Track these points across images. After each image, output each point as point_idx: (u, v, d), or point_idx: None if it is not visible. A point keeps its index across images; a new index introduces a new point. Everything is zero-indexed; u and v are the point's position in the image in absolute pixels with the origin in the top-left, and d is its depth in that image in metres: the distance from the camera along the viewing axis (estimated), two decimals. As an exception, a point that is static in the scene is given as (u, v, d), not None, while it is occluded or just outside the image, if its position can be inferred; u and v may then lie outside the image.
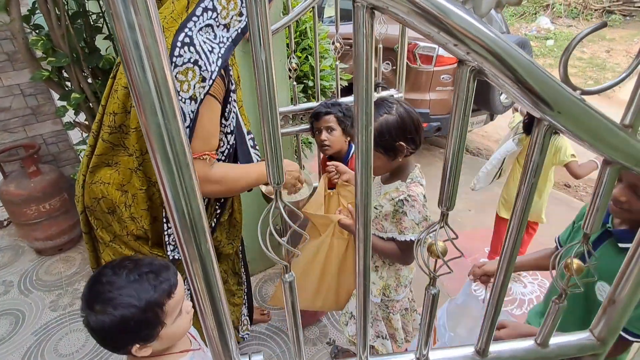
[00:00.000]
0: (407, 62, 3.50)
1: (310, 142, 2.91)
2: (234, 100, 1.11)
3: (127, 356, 0.91)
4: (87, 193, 1.14)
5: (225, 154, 1.16)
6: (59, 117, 2.56)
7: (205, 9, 0.99)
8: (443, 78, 3.65)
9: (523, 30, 9.51)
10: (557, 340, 0.68)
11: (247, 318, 1.71)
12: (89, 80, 2.22)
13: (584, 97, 0.42)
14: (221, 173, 1.12)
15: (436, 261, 0.54)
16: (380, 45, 1.86)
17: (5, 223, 2.86)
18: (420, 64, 3.60)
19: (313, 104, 1.83)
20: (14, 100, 2.46)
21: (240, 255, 1.58)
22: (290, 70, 1.76)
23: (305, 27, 2.70)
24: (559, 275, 0.57)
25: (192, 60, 0.95)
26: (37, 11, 2.14)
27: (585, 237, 0.53)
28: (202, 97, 0.98)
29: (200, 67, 0.96)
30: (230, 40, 1.04)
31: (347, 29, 3.33)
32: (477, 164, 3.79)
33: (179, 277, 0.91)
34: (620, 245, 0.95)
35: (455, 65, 3.72)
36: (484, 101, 3.90)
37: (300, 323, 0.58)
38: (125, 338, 0.84)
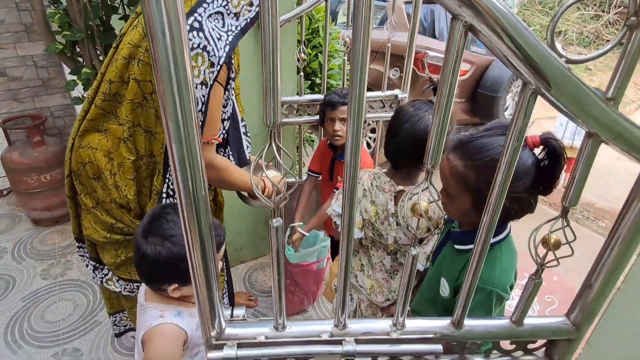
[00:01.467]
0: (414, 70, 3.56)
1: (312, 141, 2.94)
2: (232, 88, 1.13)
3: (145, 291, 0.99)
4: (75, 157, 1.15)
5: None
6: (68, 91, 2.60)
7: None
8: (450, 89, 3.68)
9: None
10: (533, 320, 0.70)
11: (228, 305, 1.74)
12: (101, 58, 2.26)
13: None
14: (225, 163, 1.16)
15: (419, 221, 0.56)
16: (389, 45, 1.89)
17: (4, 192, 2.89)
18: (429, 73, 3.64)
19: (319, 95, 1.86)
20: (26, 70, 2.50)
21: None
22: (298, 60, 1.80)
23: (318, 26, 2.73)
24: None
25: (201, 46, 0.97)
26: (58, -16, 2.18)
27: (564, 210, 0.55)
28: (212, 83, 1.01)
29: (208, 52, 0.98)
30: (238, 28, 1.07)
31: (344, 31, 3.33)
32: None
33: None
34: (456, 246, 0.95)
35: (463, 77, 3.77)
36: (487, 115, 3.93)
37: (284, 273, 0.60)
38: (169, 275, 0.90)
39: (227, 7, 1.04)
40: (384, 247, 1.27)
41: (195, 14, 0.98)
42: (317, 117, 1.80)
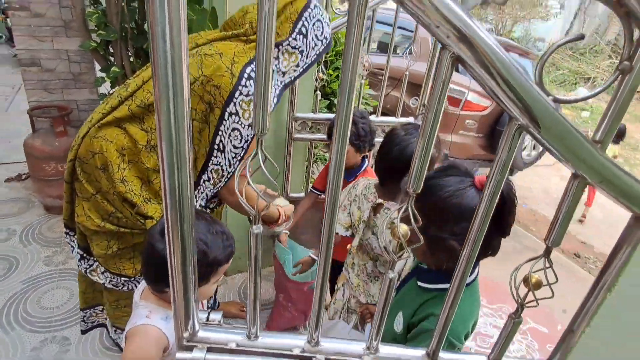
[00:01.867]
0: (435, 101, 3.57)
1: (325, 160, 2.96)
2: None
3: (143, 290, 1.00)
4: (86, 144, 1.16)
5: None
6: (96, 87, 2.71)
7: None
8: (468, 123, 3.68)
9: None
10: (512, 363, 0.67)
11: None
12: (131, 59, 2.36)
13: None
14: (254, 194, 1.22)
15: (398, 244, 0.56)
16: (407, 73, 1.91)
17: (23, 177, 2.99)
18: (448, 105, 3.64)
19: (332, 115, 1.89)
20: (59, 63, 2.62)
21: None
22: (317, 79, 1.84)
23: (342, 49, 2.79)
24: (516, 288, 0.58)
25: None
26: (99, -14, 2.30)
27: (546, 251, 0.55)
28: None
29: None
30: (283, 84, 1.24)
31: (380, 60, 3.41)
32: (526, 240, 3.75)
33: None
34: (419, 283, 0.92)
35: (482, 112, 3.76)
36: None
37: (260, 278, 0.61)
38: None
39: (277, 66, 1.20)
40: (367, 251, 1.34)
41: (253, 65, 1.14)
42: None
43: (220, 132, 1.15)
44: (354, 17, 0.41)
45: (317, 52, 1.25)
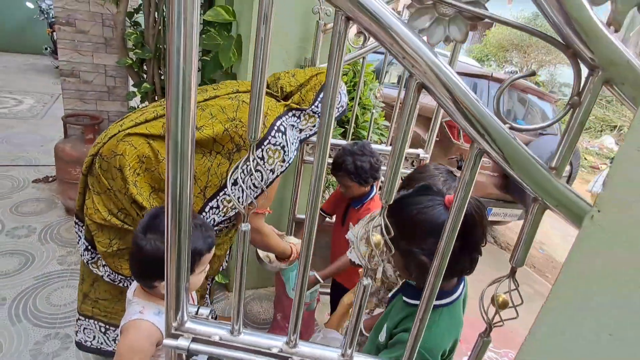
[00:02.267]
0: (449, 136, 3.62)
1: (334, 184, 3.02)
2: None
3: (135, 288, 1.06)
4: (110, 144, 1.24)
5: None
6: (127, 101, 2.89)
7: (294, 115, 1.43)
8: (482, 161, 3.68)
9: (585, 144, 9.38)
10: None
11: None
12: (162, 77, 2.53)
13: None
14: (269, 230, 1.54)
15: (371, 252, 0.60)
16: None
17: (50, 179, 3.16)
18: (464, 142, 3.68)
19: (342, 141, 1.96)
20: (96, 77, 2.82)
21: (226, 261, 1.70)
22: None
23: (358, 80, 2.90)
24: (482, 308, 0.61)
25: (281, 145, 1.34)
26: (140, 11, 2.50)
27: (512, 271, 0.58)
28: (279, 173, 1.36)
29: (285, 151, 1.35)
30: (299, 140, 1.46)
31: (392, 92, 3.48)
32: (502, 256, 3.70)
33: None
34: (404, 298, 0.95)
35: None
36: (520, 195, 3.86)
37: (244, 277, 0.66)
38: (161, 271, 0.96)
39: (296, 125, 1.44)
40: (382, 279, 1.34)
41: (282, 119, 1.36)
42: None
43: (240, 171, 1.25)
44: (334, 58, 0.48)
45: (334, 117, 1.46)
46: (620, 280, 0.35)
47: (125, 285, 1.38)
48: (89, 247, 1.37)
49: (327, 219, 1.96)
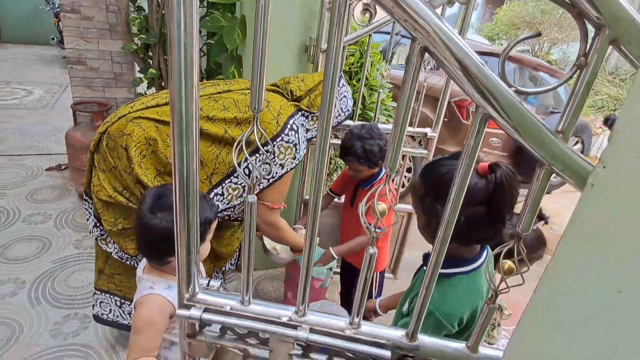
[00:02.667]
0: (458, 117, 3.58)
1: (341, 166, 3.02)
2: None
3: (145, 266, 1.07)
4: (119, 124, 1.26)
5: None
6: (134, 87, 2.90)
7: (302, 115, 1.48)
8: (492, 141, 3.65)
9: (598, 124, 9.18)
10: (489, 351, 0.70)
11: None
12: (168, 62, 2.53)
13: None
14: (284, 224, 1.57)
15: (377, 220, 0.61)
16: (425, 84, 1.96)
17: (62, 167, 3.21)
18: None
19: (350, 122, 1.95)
20: (103, 63, 2.83)
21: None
22: (337, 86, 1.91)
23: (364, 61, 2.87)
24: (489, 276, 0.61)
25: (294, 143, 1.38)
26: (144, -6, 2.49)
27: (518, 237, 0.58)
28: (289, 169, 1.39)
29: (296, 149, 1.39)
30: (306, 139, 1.51)
31: (400, 73, 3.44)
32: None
33: None
34: (424, 268, 0.95)
35: (508, 131, 3.71)
36: (529, 173, 3.81)
37: (253, 248, 0.67)
38: (174, 247, 1.00)
39: (304, 124, 1.49)
40: None
41: (294, 118, 1.41)
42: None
43: (249, 160, 1.29)
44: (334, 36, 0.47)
45: (339, 121, 1.61)
46: (628, 236, 0.35)
47: (132, 263, 1.42)
48: (98, 224, 1.41)
49: (336, 199, 1.97)
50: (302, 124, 1.47)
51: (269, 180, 1.38)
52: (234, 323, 0.69)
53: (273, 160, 1.36)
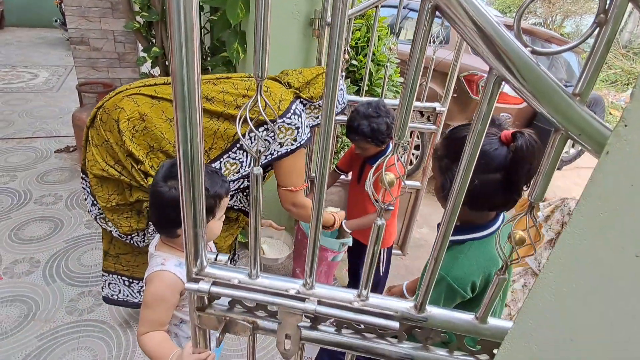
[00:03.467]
0: (468, 92, 3.50)
1: (348, 144, 2.99)
2: None
3: (157, 243, 1.09)
4: (115, 99, 1.28)
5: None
6: (138, 66, 2.87)
7: (301, 103, 1.46)
8: (502, 116, 3.58)
9: (611, 98, 8.95)
10: (498, 322, 0.70)
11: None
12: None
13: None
14: (310, 203, 1.52)
15: (385, 192, 0.60)
16: (433, 57, 1.91)
17: (71, 149, 3.23)
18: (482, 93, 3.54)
19: (357, 97, 1.91)
20: (106, 43, 2.80)
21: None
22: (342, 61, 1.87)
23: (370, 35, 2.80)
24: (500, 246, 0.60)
25: (296, 126, 1.39)
26: (144, -30, 2.43)
27: (530, 206, 0.57)
28: (288, 150, 1.39)
29: (298, 132, 1.40)
30: (310, 126, 1.49)
31: (408, 48, 3.35)
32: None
33: None
34: None
35: (519, 106, 3.64)
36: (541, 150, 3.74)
37: (260, 222, 0.66)
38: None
39: (303, 111, 1.45)
40: None
41: (297, 102, 1.42)
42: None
43: (253, 133, 1.30)
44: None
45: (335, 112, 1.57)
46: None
47: (134, 242, 1.43)
48: (95, 202, 1.42)
49: (343, 176, 1.96)
50: (302, 111, 1.47)
51: (266, 157, 1.39)
52: (242, 296, 0.69)
53: (273, 138, 1.34)
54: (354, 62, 2.53)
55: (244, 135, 1.33)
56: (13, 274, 2.01)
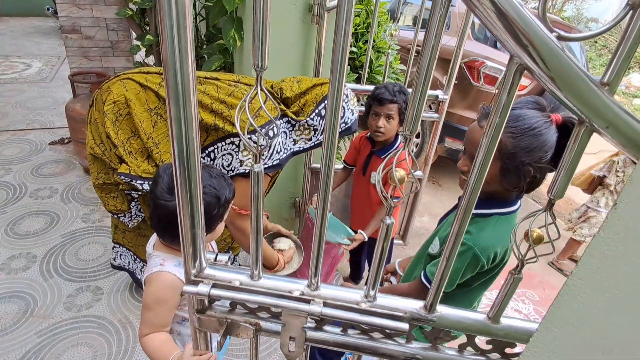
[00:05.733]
0: (469, 79, 3.44)
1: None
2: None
3: (155, 242, 1.05)
4: (110, 82, 1.31)
5: None
6: (132, 55, 2.80)
7: (288, 122, 1.32)
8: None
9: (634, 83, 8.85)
10: (511, 322, 0.67)
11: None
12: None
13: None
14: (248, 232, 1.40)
15: (394, 189, 0.56)
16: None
17: (66, 141, 3.17)
18: (484, 83, 3.50)
19: (356, 85, 1.86)
20: (98, 31, 2.72)
21: None
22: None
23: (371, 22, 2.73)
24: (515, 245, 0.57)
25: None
26: (135, -46, 2.34)
27: (549, 203, 0.53)
28: (247, 170, 1.26)
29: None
30: (291, 151, 1.34)
31: (408, 35, 3.27)
32: (527, 205, 3.63)
33: None
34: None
35: (520, 92, 3.59)
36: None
37: (261, 222, 0.63)
38: None
39: (290, 133, 1.33)
40: None
41: (273, 125, 1.25)
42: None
43: (216, 146, 1.27)
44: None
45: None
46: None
47: (122, 221, 1.47)
48: None
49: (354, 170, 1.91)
50: (286, 132, 1.31)
51: (227, 171, 1.28)
52: (243, 299, 0.66)
53: (236, 152, 1.27)
54: (353, 49, 2.47)
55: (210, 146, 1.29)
56: (10, 270, 1.98)
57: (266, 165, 1.27)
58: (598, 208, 2.56)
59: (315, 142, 1.38)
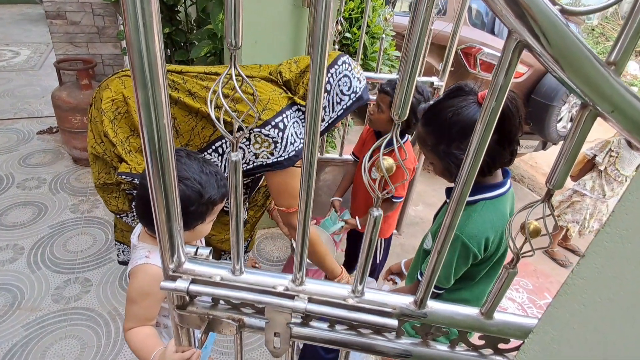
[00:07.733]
0: (465, 66, 3.39)
1: (350, 124, 2.89)
2: None
3: (140, 233, 1.02)
4: (110, 79, 1.27)
5: None
6: (119, 41, 2.72)
7: (299, 109, 1.24)
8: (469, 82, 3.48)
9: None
10: (505, 317, 0.64)
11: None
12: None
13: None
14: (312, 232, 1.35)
15: (382, 180, 0.52)
16: (431, 27, 1.80)
17: (54, 130, 3.10)
18: (480, 70, 3.45)
19: (374, 74, 1.81)
20: (84, 17, 2.64)
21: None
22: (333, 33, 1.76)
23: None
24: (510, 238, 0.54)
25: (273, 140, 1.18)
26: None
27: (547, 194, 0.50)
28: (264, 163, 1.21)
29: (275, 146, 1.19)
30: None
31: (403, 21, 3.19)
32: (518, 191, 3.61)
33: None
34: (447, 201, 1.00)
35: (517, 79, 3.54)
36: (538, 125, 3.68)
37: (241, 215, 0.59)
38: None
39: (303, 120, 1.24)
40: None
41: (283, 115, 1.19)
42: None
43: (224, 140, 1.24)
44: None
45: (345, 107, 1.26)
46: None
47: (125, 221, 1.41)
48: None
49: (335, 156, 1.88)
50: (297, 121, 1.25)
51: (247, 167, 1.24)
52: (224, 294, 0.63)
53: (248, 147, 1.20)
54: (347, 34, 2.41)
55: (217, 141, 1.25)
56: (-3, 262, 1.94)
57: (282, 158, 1.21)
58: (584, 191, 2.48)
59: (330, 121, 1.28)
